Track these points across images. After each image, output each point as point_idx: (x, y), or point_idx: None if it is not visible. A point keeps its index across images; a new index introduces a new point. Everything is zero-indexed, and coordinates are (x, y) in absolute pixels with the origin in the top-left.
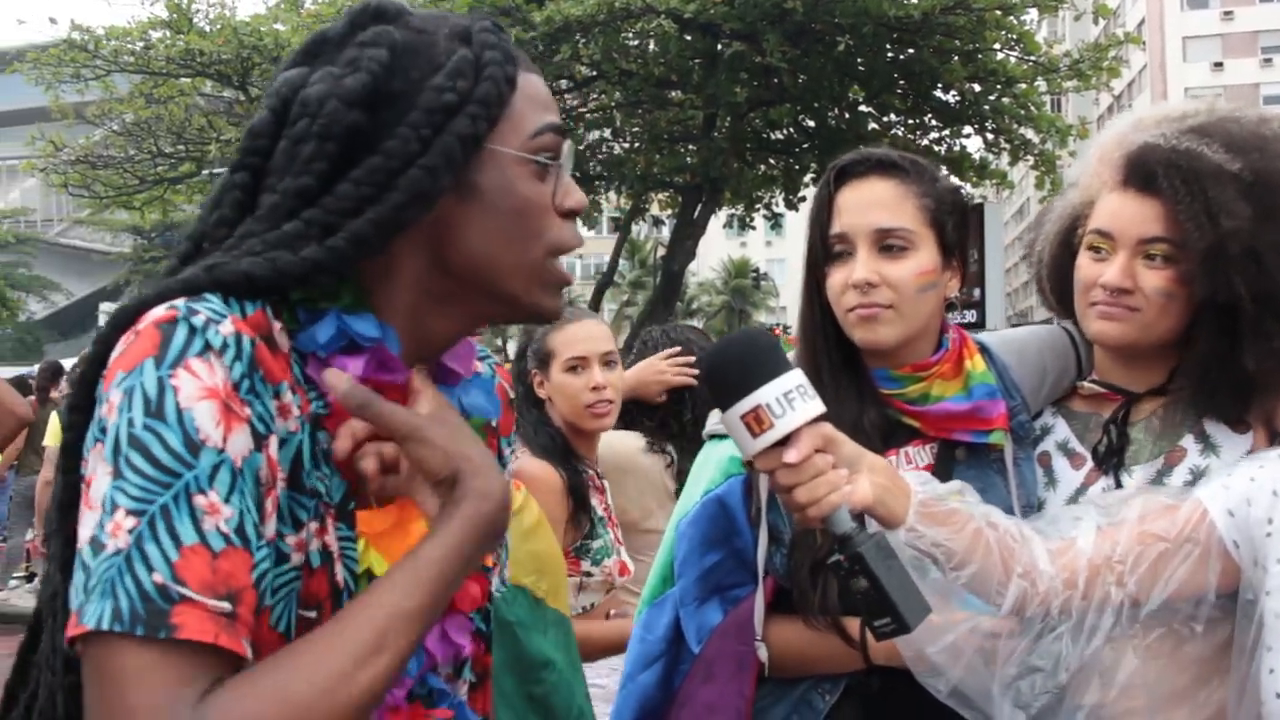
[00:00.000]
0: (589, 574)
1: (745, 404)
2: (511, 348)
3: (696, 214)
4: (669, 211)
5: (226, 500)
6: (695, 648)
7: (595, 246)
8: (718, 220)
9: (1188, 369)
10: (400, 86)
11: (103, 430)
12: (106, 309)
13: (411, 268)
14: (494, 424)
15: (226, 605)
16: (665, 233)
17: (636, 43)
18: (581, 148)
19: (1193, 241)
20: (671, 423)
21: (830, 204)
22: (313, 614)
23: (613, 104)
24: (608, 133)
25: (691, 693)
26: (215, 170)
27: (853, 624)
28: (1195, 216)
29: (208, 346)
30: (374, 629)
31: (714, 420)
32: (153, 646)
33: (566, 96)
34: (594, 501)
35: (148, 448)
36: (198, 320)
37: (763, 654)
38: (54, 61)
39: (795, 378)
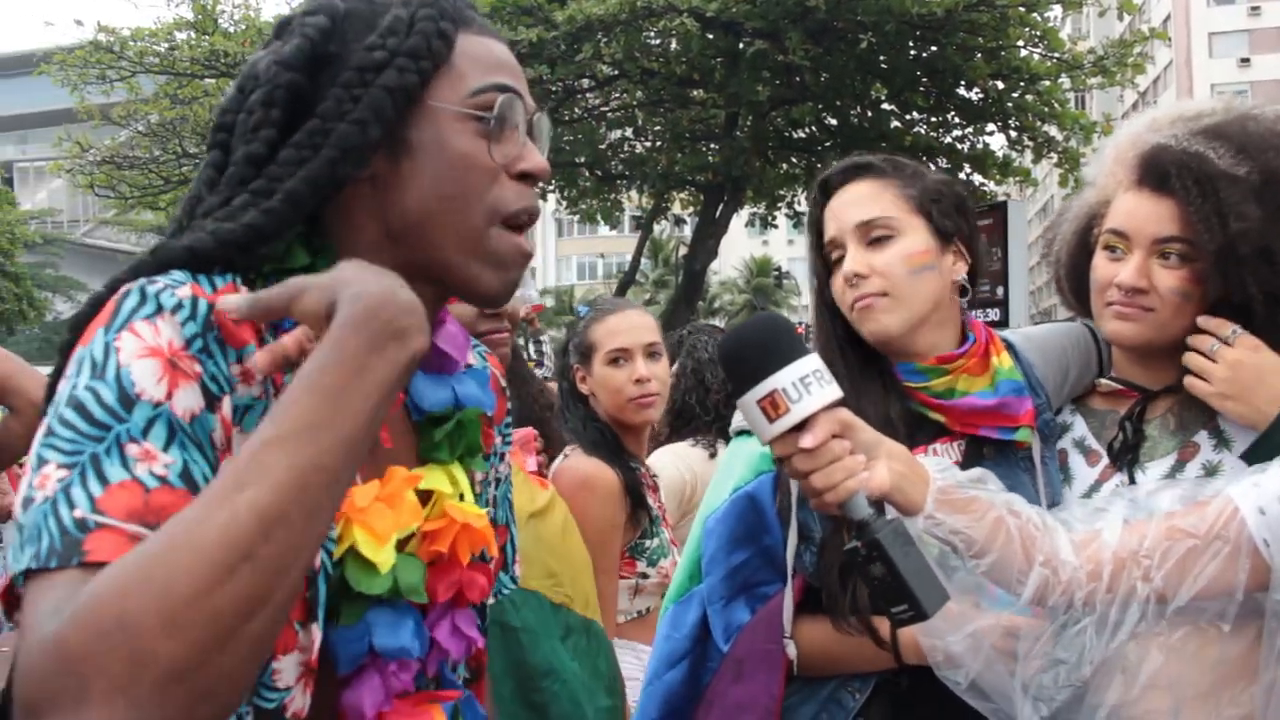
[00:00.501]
0: (645, 575)
1: (761, 389)
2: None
3: (718, 213)
4: (691, 210)
5: (165, 450)
6: (723, 646)
7: (617, 245)
8: (740, 219)
9: None
10: (336, 48)
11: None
12: None
13: (369, 236)
14: (489, 414)
15: (149, 532)
16: (687, 232)
17: (658, 41)
18: (603, 147)
19: (1205, 242)
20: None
21: (820, 217)
22: None
23: (635, 103)
24: (629, 132)
25: (721, 692)
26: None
27: (883, 624)
28: (1206, 218)
29: (159, 309)
30: (228, 471)
31: (740, 417)
32: (65, 575)
33: (588, 95)
34: (650, 499)
35: (83, 404)
36: (152, 289)
37: (791, 652)
38: (80, 63)
39: (812, 362)
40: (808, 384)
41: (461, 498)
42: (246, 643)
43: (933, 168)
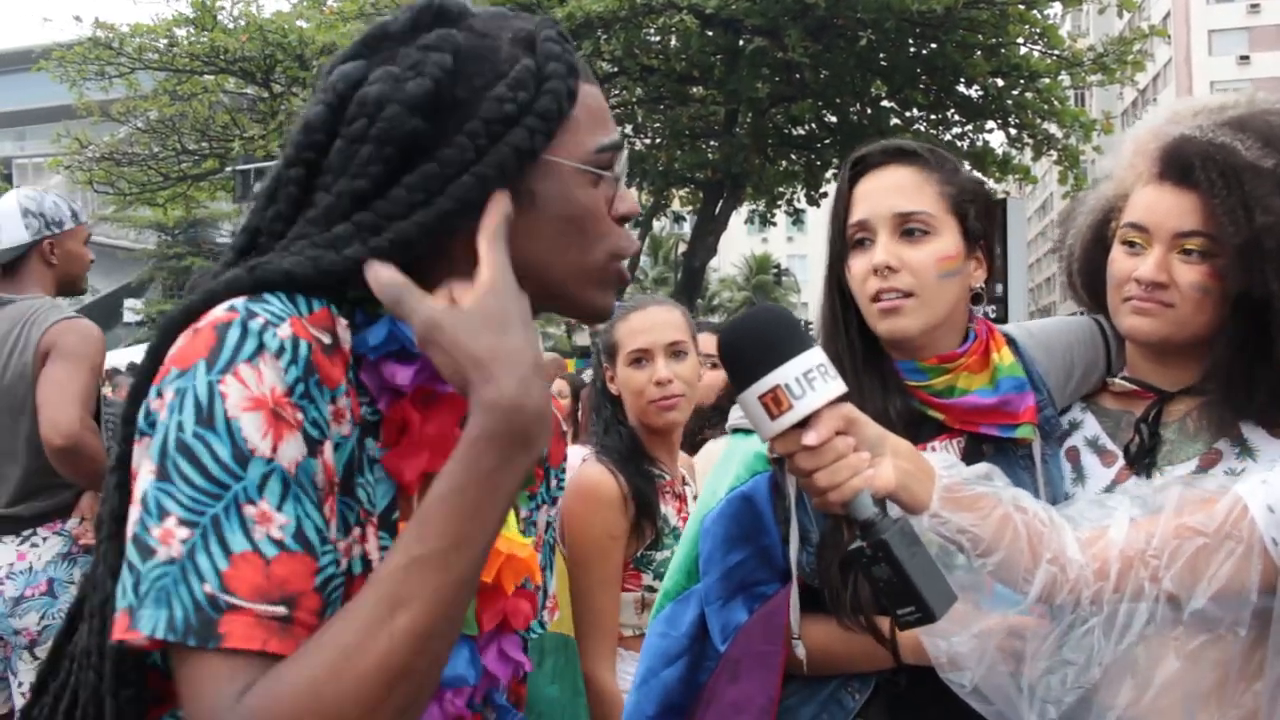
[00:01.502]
0: (650, 589)
1: (763, 384)
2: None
3: (718, 210)
4: (690, 207)
5: (279, 508)
6: (721, 646)
7: None
8: (739, 216)
9: (1220, 368)
10: (462, 94)
11: (150, 425)
12: (131, 305)
13: (467, 272)
14: (543, 454)
15: (281, 610)
16: (687, 229)
17: (658, 39)
18: None
19: (1228, 236)
20: None
21: (850, 194)
22: None
23: (634, 100)
24: (629, 129)
25: (718, 692)
26: (239, 167)
27: (885, 622)
28: (1231, 211)
29: (261, 348)
30: (381, 590)
31: (736, 414)
32: (205, 655)
33: None
34: (668, 509)
35: (198, 457)
36: (255, 324)
37: (800, 652)
38: (79, 59)
39: (816, 356)
40: (811, 379)
41: (514, 529)
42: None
43: (966, 168)
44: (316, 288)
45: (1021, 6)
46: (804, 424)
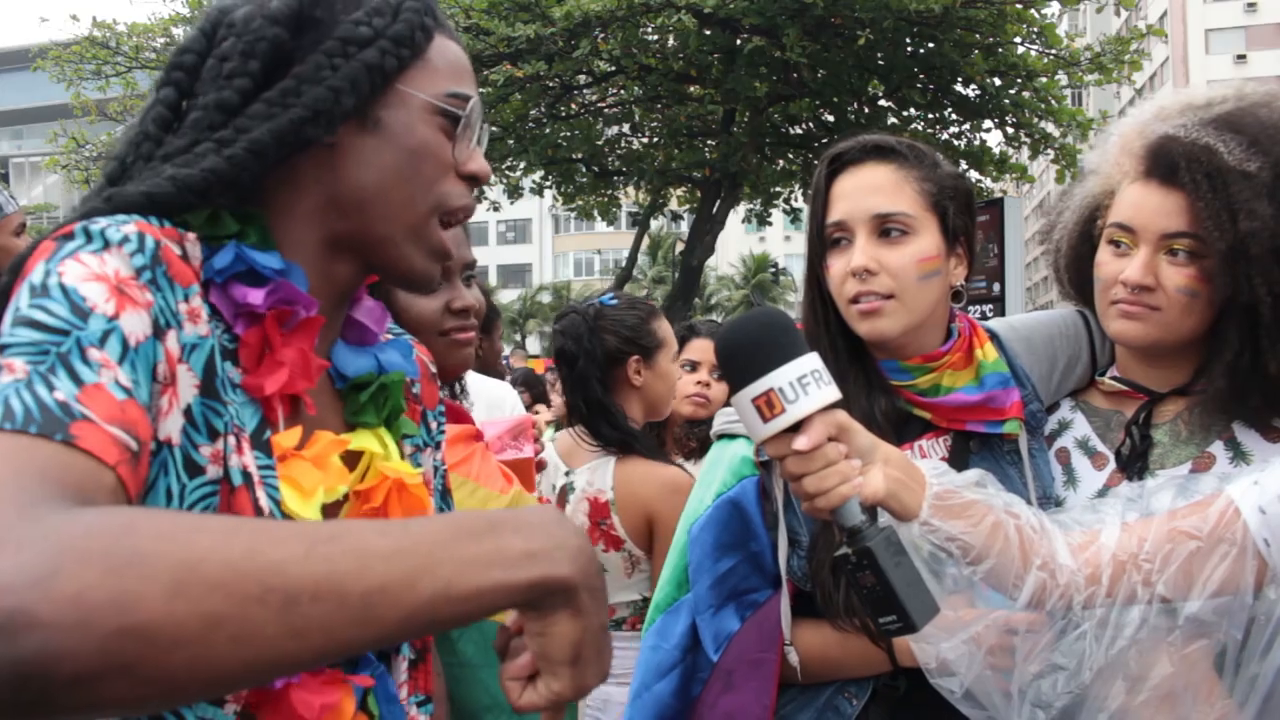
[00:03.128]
0: None
1: (757, 387)
2: (530, 343)
3: (715, 209)
4: (688, 206)
5: (120, 364)
6: (713, 656)
7: (614, 241)
8: (736, 215)
9: (1214, 371)
10: (322, 15)
11: None
12: None
13: (310, 203)
14: (415, 391)
15: (132, 443)
16: (684, 228)
17: (656, 38)
18: (600, 143)
19: (1214, 240)
20: None
21: (827, 192)
22: None
23: (631, 99)
24: (626, 128)
25: (712, 702)
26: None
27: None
28: (1216, 215)
29: (106, 244)
30: (333, 528)
31: (722, 419)
32: (47, 446)
33: (586, 92)
34: None
35: (34, 319)
36: (95, 226)
37: (793, 658)
38: (76, 59)
39: (811, 362)
40: (805, 384)
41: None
42: (214, 668)
43: (946, 163)
44: (178, 208)
45: (1019, 6)
46: (796, 428)
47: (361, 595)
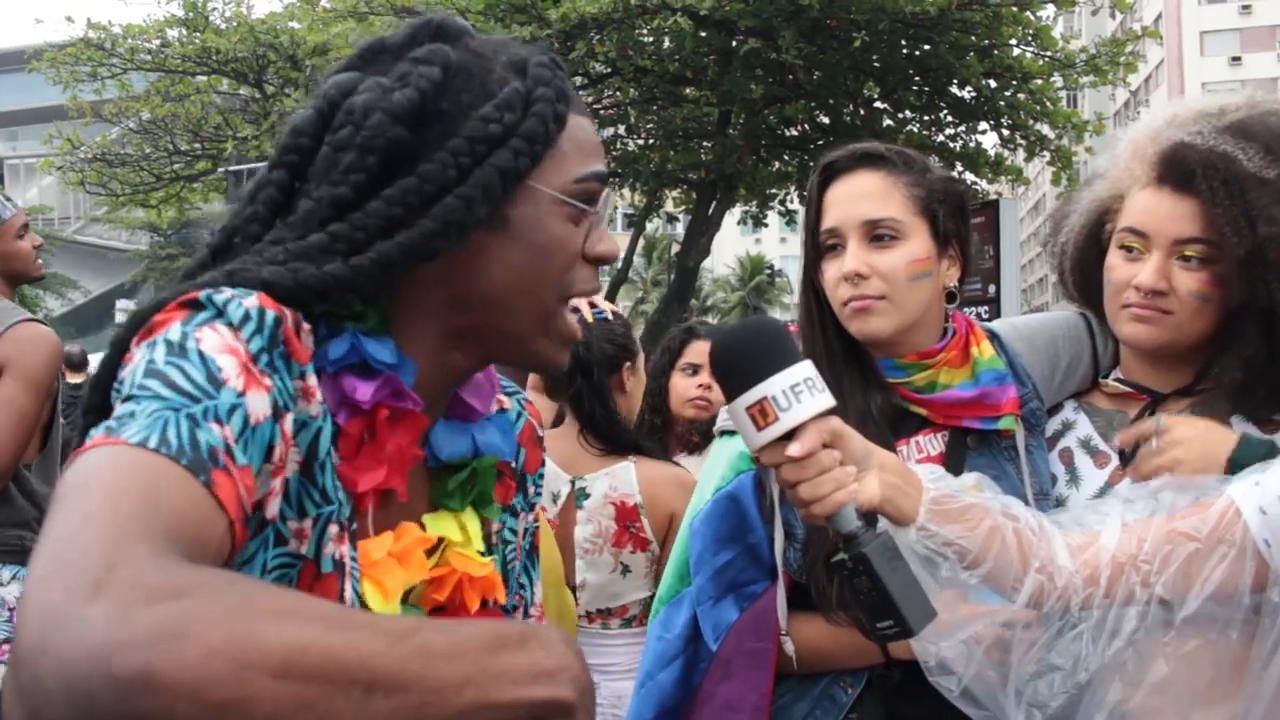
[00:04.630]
0: None
1: (751, 395)
2: None
3: (711, 210)
4: (683, 208)
5: (237, 441)
6: (713, 646)
7: None
8: (732, 217)
9: (1228, 365)
10: (448, 108)
11: (120, 384)
12: (124, 306)
13: (435, 298)
14: (511, 464)
15: (249, 505)
16: (680, 229)
17: (652, 40)
18: None
19: (1231, 246)
20: None
21: (820, 200)
22: None
23: (627, 101)
24: (622, 129)
25: (711, 691)
26: (231, 168)
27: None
28: (1234, 221)
29: (228, 320)
30: (410, 625)
31: (724, 416)
32: (191, 484)
33: (581, 93)
34: None
35: (168, 375)
36: (220, 297)
37: (789, 648)
38: (71, 60)
39: (804, 370)
40: (798, 392)
41: (477, 546)
42: None
43: (939, 167)
44: (291, 300)
45: (1015, 8)
46: (790, 436)
47: (421, 694)
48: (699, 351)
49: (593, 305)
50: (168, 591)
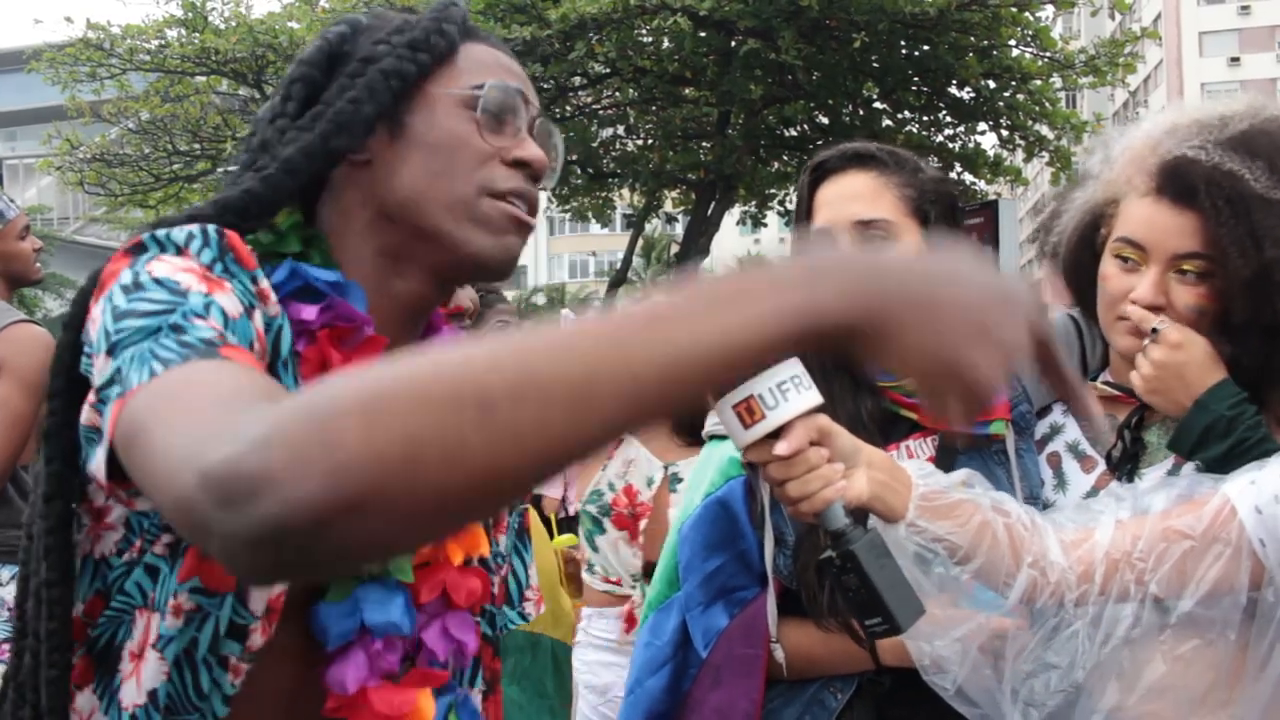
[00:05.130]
0: None
1: (737, 393)
2: None
3: (710, 211)
4: (682, 208)
5: (225, 329)
6: (703, 652)
7: (609, 243)
8: (731, 217)
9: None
10: (350, 49)
11: (90, 346)
12: None
13: (360, 219)
14: None
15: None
16: (679, 229)
17: (651, 40)
18: (595, 145)
19: (1236, 267)
20: None
21: (810, 200)
22: None
23: (627, 101)
24: (621, 130)
25: (701, 698)
26: (231, 168)
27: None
28: (1239, 241)
29: (177, 248)
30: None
31: (713, 420)
32: (210, 361)
33: (581, 93)
34: None
35: (134, 309)
36: (160, 233)
37: (779, 655)
38: (70, 60)
39: (791, 367)
40: (785, 389)
41: None
42: (439, 490)
43: (931, 167)
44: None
45: (1014, 9)
46: (778, 434)
47: (567, 386)
48: None
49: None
50: (246, 420)
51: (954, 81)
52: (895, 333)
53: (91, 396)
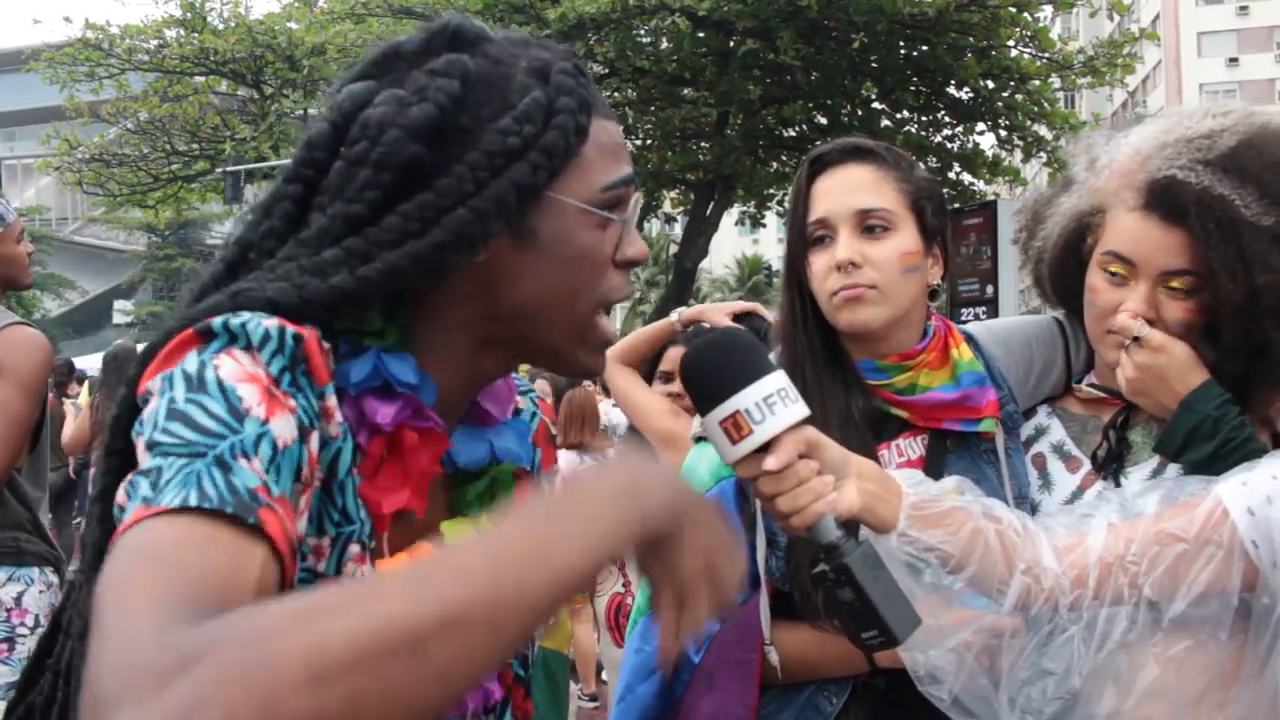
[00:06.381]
0: None
1: (723, 409)
2: None
3: (709, 211)
4: (681, 209)
5: (267, 469)
6: (694, 657)
7: None
8: (730, 217)
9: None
10: (466, 122)
11: (142, 423)
12: (121, 306)
13: (462, 312)
14: (527, 468)
15: (294, 537)
16: (678, 230)
17: (650, 40)
18: None
19: (1227, 292)
20: None
21: (808, 192)
22: None
23: (626, 101)
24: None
25: (694, 703)
26: (230, 169)
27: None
28: (1228, 266)
29: (247, 342)
30: (427, 566)
31: (699, 422)
32: (235, 529)
33: None
34: None
35: (190, 416)
36: (236, 321)
37: (774, 658)
38: (69, 60)
39: (776, 381)
40: (771, 404)
41: None
42: None
43: (923, 167)
44: (300, 316)
45: (1013, 9)
46: (766, 448)
47: (482, 611)
48: (672, 358)
49: (754, 314)
50: (177, 667)
51: (953, 82)
52: (678, 541)
53: (130, 475)
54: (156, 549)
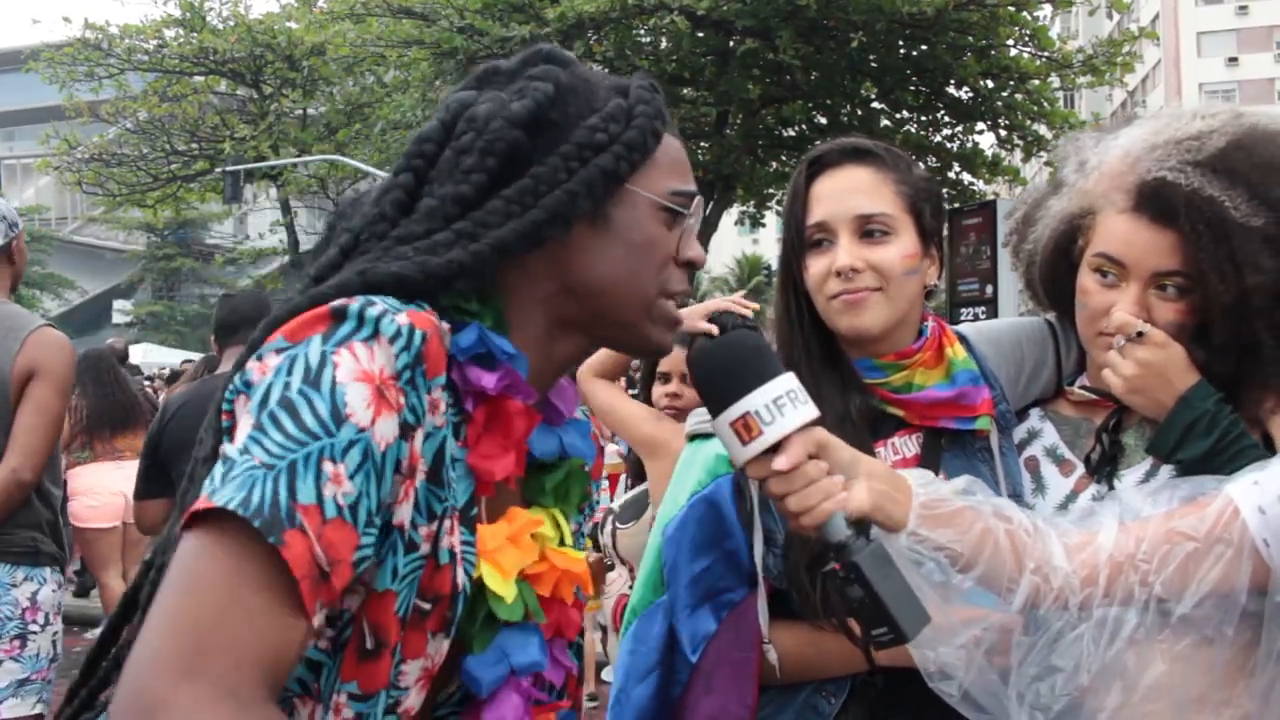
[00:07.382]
0: None
1: (733, 411)
2: None
3: (709, 211)
4: None
5: (351, 477)
6: (692, 658)
7: None
8: (730, 217)
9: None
10: (559, 118)
11: (247, 384)
12: (120, 306)
13: (544, 290)
14: (587, 468)
15: (325, 564)
16: None
17: (649, 39)
18: None
19: (1218, 293)
20: None
21: (807, 194)
22: (428, 606)
23: None
24: None
25: (692, 705)
26: (229, 168)
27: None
28: (1219, 267)
29: (377, 333)
30: None
31: (694, 419)
32: (260, 547)
33: None
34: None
35: (296, 409)
36: (372, 310)
37: (772, 656)
38: (68, 60)
39: (786, 383)
40: (781, 405)
41: (562, 541)
42: None
43: (921, 166)
44: (421, 291)
45: (1012, 8)
46: (776, 449)
47: None
48: (670, 359)
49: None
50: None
51: (952, 81)
52: None
53: (223, 448)
54: (193, 582)
